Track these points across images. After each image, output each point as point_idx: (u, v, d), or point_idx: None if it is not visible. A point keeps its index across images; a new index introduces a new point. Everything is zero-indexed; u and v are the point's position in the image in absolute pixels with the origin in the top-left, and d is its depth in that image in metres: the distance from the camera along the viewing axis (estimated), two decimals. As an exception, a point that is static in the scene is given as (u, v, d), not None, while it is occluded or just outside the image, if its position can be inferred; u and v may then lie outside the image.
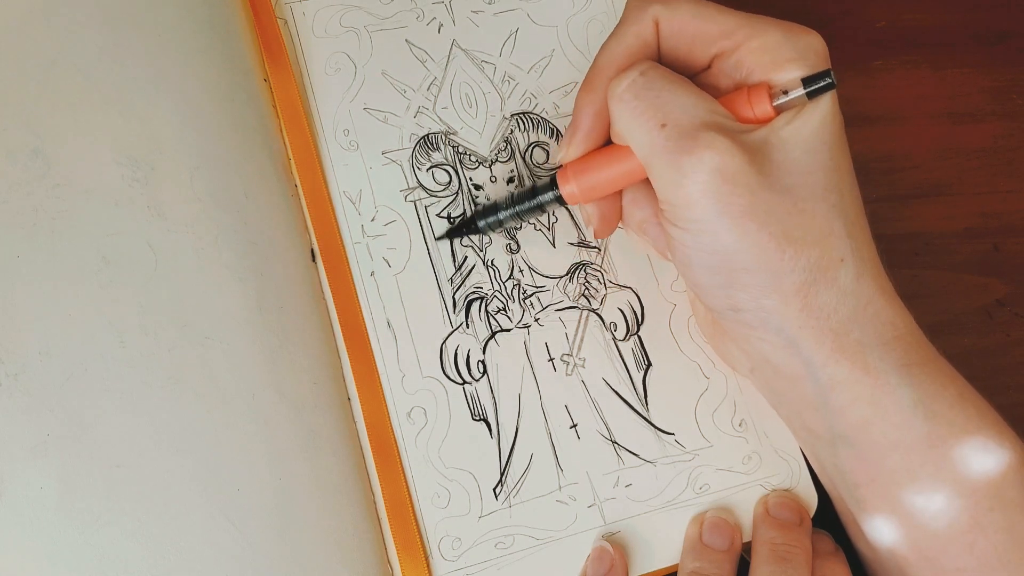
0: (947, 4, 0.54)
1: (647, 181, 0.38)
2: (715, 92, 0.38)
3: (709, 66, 0.38)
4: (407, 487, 0.41)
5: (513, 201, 0.42)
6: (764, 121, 0.36)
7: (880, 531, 0.39)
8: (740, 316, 0.38)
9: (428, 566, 0.40)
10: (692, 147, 0.35)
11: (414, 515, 0.41)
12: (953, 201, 0.52)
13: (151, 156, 0.41)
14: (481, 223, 0.43)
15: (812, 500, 0.43)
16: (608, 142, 0.39)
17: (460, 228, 0.44)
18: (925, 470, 0.37)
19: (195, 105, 0.42)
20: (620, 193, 0.41)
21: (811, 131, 0.36)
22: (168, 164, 0.41)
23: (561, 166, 0.40)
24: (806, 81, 0.35)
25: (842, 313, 0.36)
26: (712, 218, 0.35)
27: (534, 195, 0.41)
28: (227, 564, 0.38)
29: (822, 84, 0.35)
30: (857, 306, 0.36)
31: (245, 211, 0.42)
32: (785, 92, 0.36)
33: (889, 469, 0.37)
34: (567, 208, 0.45)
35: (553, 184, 0.40)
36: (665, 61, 0.39)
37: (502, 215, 0.43)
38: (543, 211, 0.42)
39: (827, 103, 0.36)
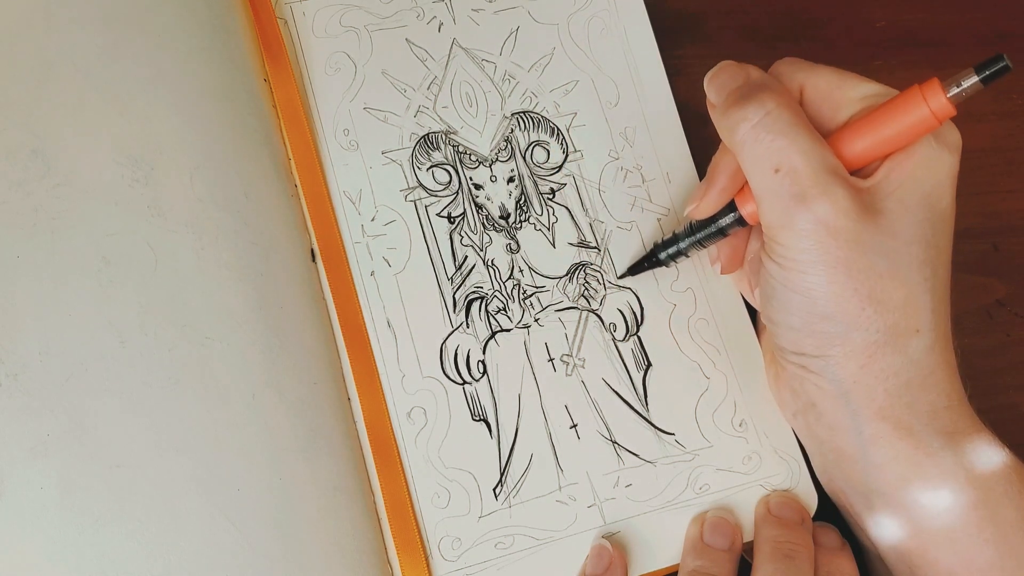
0: (947, 4, 0.54)
1: None
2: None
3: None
4: (407, 487, 0.41)
5: (693, 230, 0.42)
6: (939, 119, 0.35)
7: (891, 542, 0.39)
8: (802, 360, 0.39)
9: (428, 566, 0.40)
10: (803, 195, 0.35)
11: (414, 515, 0.41)
12: (953, 201, 0.51)
13: (151, 156, 0.41)
14: (663, 255, 0.43)
15: (812, 500, 0.43)
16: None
17: (643, 263, 0.44)
18: (965, 532, 0.37)
19: (195, 105, 0.42)
20: (749, 230, 0.42)
21: (924, 206, 0.37)
22: (168, 164, 0.41)
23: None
24: (979, 68, 0.35)
25: (902, 378, 0.37)
26: (807, 261, 0.36)
27: (714, 219, 0.41)
28: (227, 564, 0.38)
29: (997, 68, 0.34)
30: (918, 375, 0.37)
31: (245, 211, 0.42)
32: (958, 84, 0.35)
33: (928, 528, 0.37)
34: (567, 211, 0.45)
35: (732, 207, 0.40)
36: (807, 107, 0.39)
37: (683, 245, 0.42)
38: (724, 235, 0.41)
39: (947, 185, 0.37)
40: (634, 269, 0.45)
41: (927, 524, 0.37)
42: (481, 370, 0.43)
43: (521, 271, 0.44)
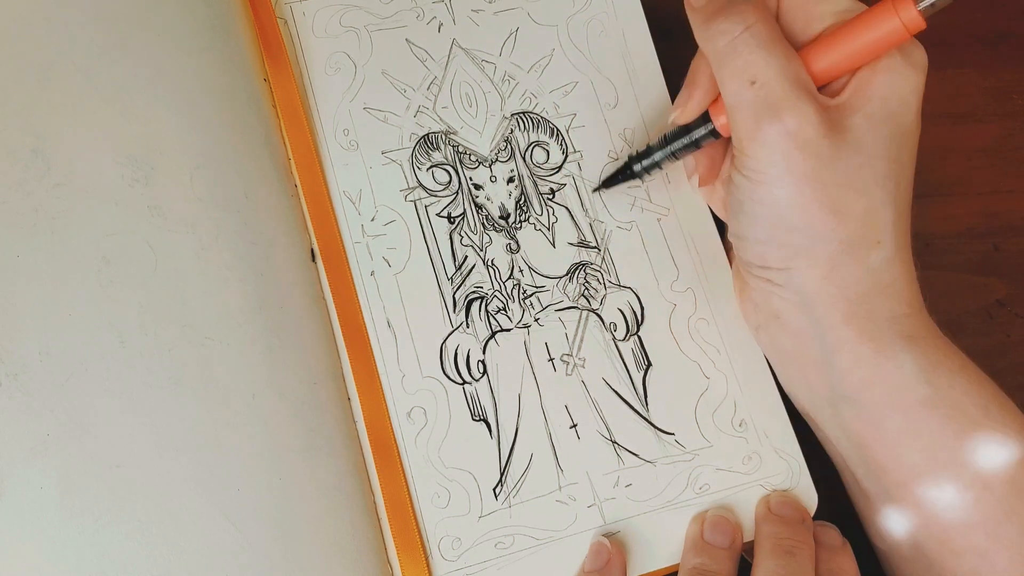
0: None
1: None
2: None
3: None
4: (407, 487, 0.41)
5: (667, 140, 0.43)
6: (909, 31, 0.36)
7: (897, 512, 0.40)
8: (767, 273, 0.40)
9: (428, 566, 0.40)
10: (775, 108, 0.37)
11: (414, 515, 0.41)
12: (953, 201, 0.52)
13: (151, 156, 0.41)
14: (638, 167, 0.44)
15: (812, 500, 0.43)
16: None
17: (618, 175, 0.45)
18: (927, 429, 0.38)
19: (195, 105, 0.42)
20: (725, 144, 0.43)
21: (889, 123, 0.38)
22: (168, 164, 0.41)
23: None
24: None
25: (862, 288, 0.39)
26: (774, 172, 0.37)
27: (687, 132, 0.42)
28: (227, 564, 0.38)
29: None
30: (878, 284, 0.39)
31: (245, 211, 0.42)
32: None
33: (892, 429, 0.39)
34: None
35: (707, 119, 0.41)
36: (781, 19, 0.40)
37: (657, 156, 0.44)
38: (698, 146, 0.43)
39: (912, 102, 0.38)
40: (609, 182, 0.45)
41: (887, 424, 0.39)
42: (481, 370, 0.43)
43: (521, 271, 0.44)
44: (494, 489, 0.41)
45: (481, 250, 0.44)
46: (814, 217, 0.38)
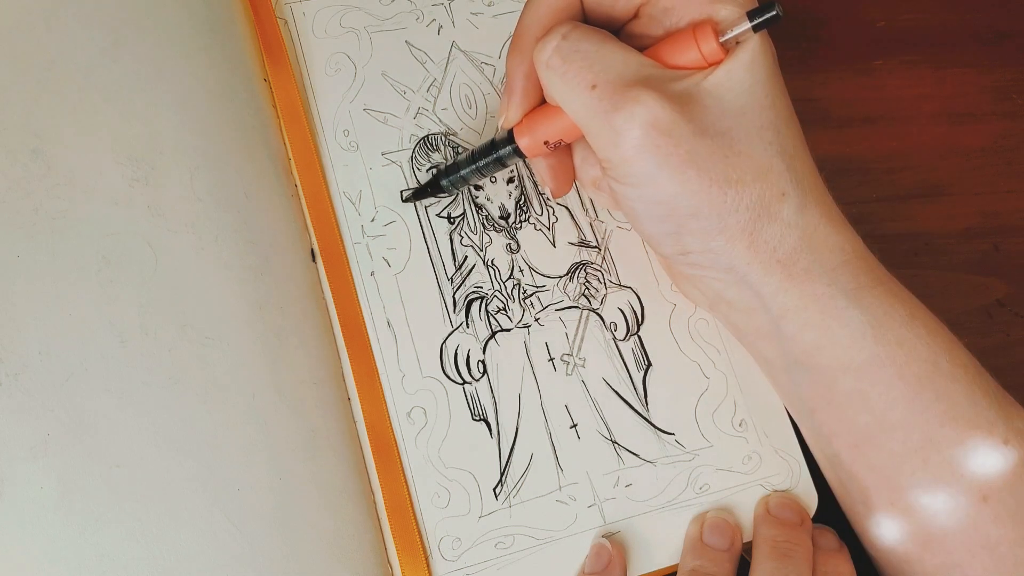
0: (947, 4, 0.54)
1: None
2: (646, 40, 0.38)
3: (636, 15, 0.38)
4: (407, 487, 0.41)
5: (474, 157, 0.42)
6: (711, 63, 0.36)
7: (844, 472, 0.40)
8: (691, 258, 0.39)
9: (428, 566, 0.40)
10: (623, 104, 0.35)
11: (414, 515, 0.41)
12: (953, 201, 0.52)
13: (151, 156, 0.41)
14: (444, 182, 0.43)
15: (812, 500, 0.43)
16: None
17: (425, 188, 0.44)
18: (876, 390, 0.37)
19: (195, 105, 0.42)
20: (571, 152, 0.42)
21: (739, 72, 0.36)
22: (168, 164, 0.41)
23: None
24: (751, 14, 0.35)
25: (788, 245, 0.37)
26: (652, 171, 0.36)
27: (493, 149, 0.41)
28: (227, 564, 0.38)
29: (768, 16, 0.35)
30: (802, 236, 0.37)
31: (245, 211, 0.42)
32: (730, 28, 0.35)
33: (842, 391, 0.38)
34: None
35: (511, 138, 0.40)
36: (590, 14, 0.38)
37: (464, 172, 0.42)
38: (504, 165, 0.42)
39: (753, 43, 0.36)
40: (418, 194, 0.44)
41: (840, 386, 0.38)
42: (481, 370, 0.43)
43: (521, 271, 0.44)
44: (494, 489, 0.41)
45: (481, 250, 0.44)
46: (711, 195, 0.36)
